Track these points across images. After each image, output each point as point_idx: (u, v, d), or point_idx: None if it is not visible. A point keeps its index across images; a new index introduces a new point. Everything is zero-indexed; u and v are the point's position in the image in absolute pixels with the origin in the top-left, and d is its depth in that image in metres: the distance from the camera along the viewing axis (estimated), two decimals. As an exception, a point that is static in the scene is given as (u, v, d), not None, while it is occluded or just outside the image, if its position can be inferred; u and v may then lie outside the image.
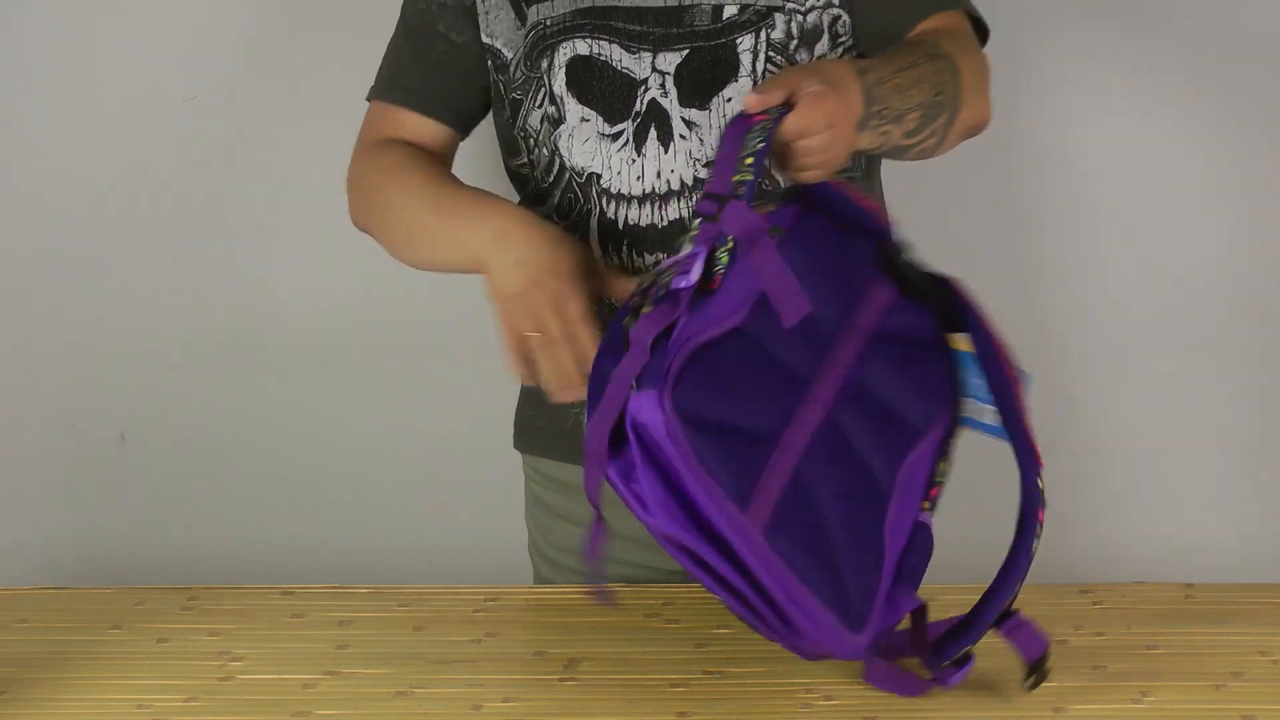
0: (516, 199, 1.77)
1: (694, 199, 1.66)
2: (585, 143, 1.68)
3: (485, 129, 1.79)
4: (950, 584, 1.88)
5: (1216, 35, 2.12)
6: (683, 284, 1.33)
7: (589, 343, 1.50)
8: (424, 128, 1.74)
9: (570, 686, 1.50)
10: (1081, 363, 2.21)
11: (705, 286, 1.35)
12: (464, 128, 1.77)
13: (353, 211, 1.76)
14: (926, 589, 1.73)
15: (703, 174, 1.66)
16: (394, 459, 2.23)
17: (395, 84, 1.75)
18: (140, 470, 2.24)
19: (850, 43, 1.69)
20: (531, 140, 1.72)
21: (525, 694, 1.49)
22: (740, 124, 1.41)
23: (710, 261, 1.35)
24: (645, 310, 1.33)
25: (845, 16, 1.68)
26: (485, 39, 1.70)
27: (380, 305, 2.20)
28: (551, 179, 1.72)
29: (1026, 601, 1.66)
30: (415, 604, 1.65)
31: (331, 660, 1.56)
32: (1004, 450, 2.23)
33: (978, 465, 2.03)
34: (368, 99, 1.78)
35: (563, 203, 1.71)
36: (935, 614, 1.63)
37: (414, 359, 2.21)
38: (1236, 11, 2.11)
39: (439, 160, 1.72)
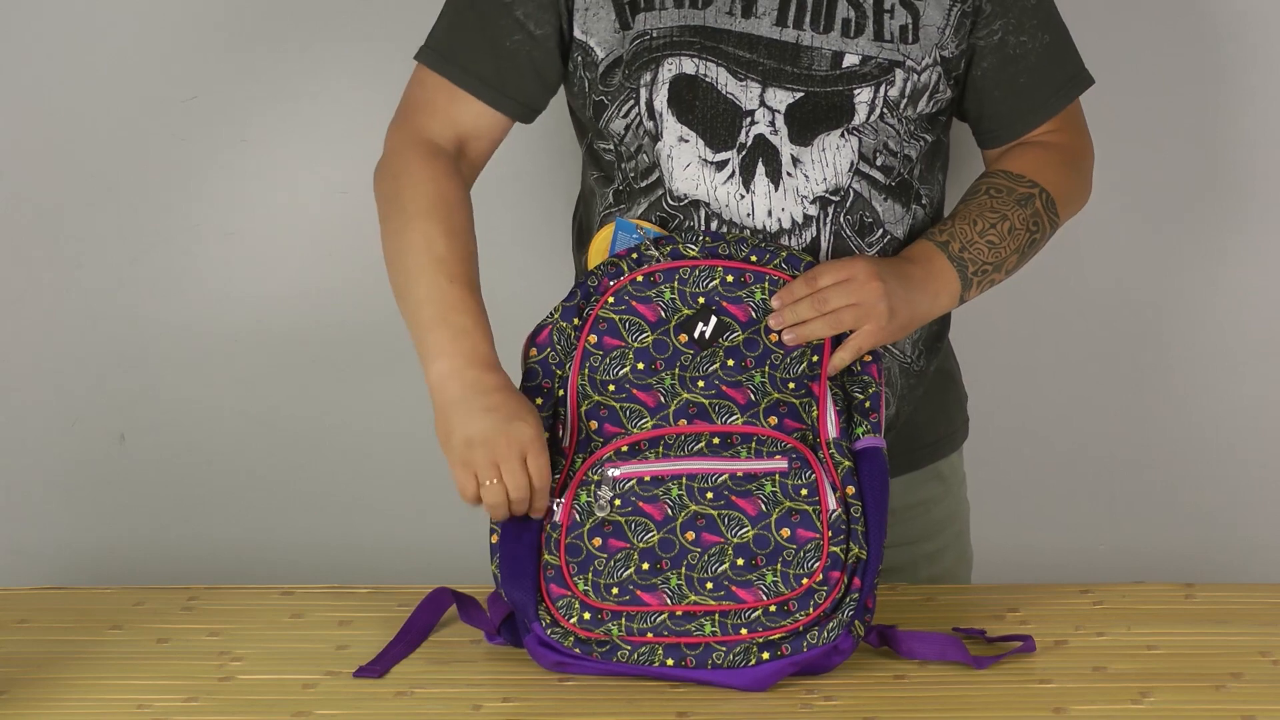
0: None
1: (801, 236, 1.67)
2: (687, 168, 1.67)
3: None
4: (947, 585, 1.88)
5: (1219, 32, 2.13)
6: None
7: (541, 501, 1.55)
8: (484, 117, 1.70)
9: (570, 686, 1.50)
10: (1081, 360, 2.21)
11: None
12: (526, 118, 1.73)
13: (378, 185, 1.70)
14: (925, 589, 1.73)
15: (811, 210, 1.66)
16: (394, 459, 2.22)
17: (460, 64, 1.68)
18: (140, 470, 2.23)
19: (946, 97, 1.71)
20: (615, 140, 1.70)
21: (525, 694, 1.49)
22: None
23: None
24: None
25: (943, 73, 1.69)
26: (579, 35, 1.66)
27: (380, 305, 2.18)
28: (645, 186, 1.70)
29: (1028, 601, 1.66)
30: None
31: (331, 660, 1.56)
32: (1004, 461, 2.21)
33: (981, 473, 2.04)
34: (421, 60, 1.71)
35: (652, 216, 1.69)
36: (932, 613, 1.63)
37: (414, 358, 2.20)
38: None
39: (469, 222, 1.67)
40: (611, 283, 1.61)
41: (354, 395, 2.22)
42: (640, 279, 1.61)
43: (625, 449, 1.55)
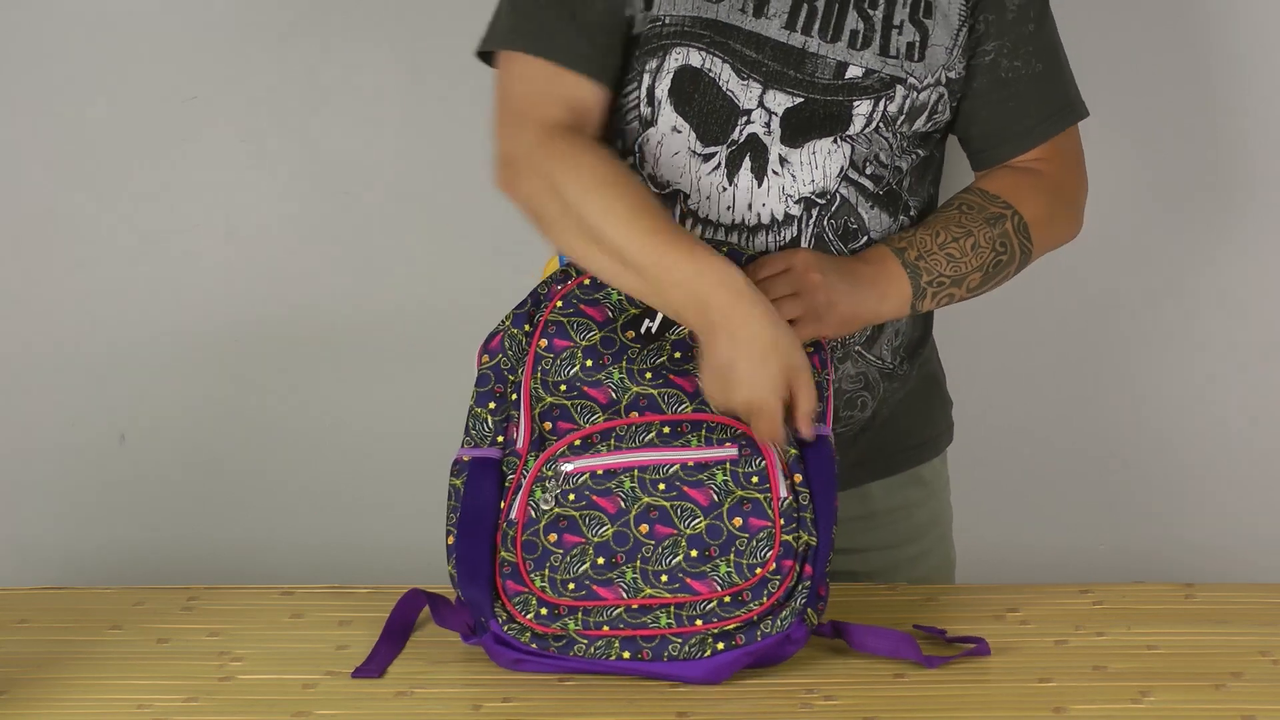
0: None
1: (781, 234, 1.67)
2: (675, 155, 1.67)
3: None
4: (947, 585, 1.88)
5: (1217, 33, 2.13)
6: None
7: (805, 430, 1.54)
8: (587, 92, 1.64)
9: (570, 686, 1.50)
10: (1080, 361, 2.21)
11: None
12: (615, 88, 1.68)
13: (519, 189, 1.62)
14: (926, 589, 1.73)
15: (794, 210, 1.66)
16: (394, 459, 2.23)
17: (556, 42, 1.63)
18: (140, 470, 2.23)
19: (944, 119, 1.71)
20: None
21: (525, 694, 1.49)
22: None
23: None
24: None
25: (946, 95, 1.69)
26: (628, 13, 1.65)
27: (381, 305, 2.20)
28: None
29: (1028, 601, 1.66)
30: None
31: (331, 660, 1.56)
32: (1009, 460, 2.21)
33: (980, 472, 2.04)
34: (514, 48, 1.64)
35: None
36: (933, 613, 1.63)
37: (414, 359, 2.21)
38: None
39: (629, 167, 1.64)
40: (559, 288, 1.61)
41: (354, 395, 2.22)
42: (588, 282, 1.61)
43: (578, 443, 1.55)
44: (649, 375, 1.58)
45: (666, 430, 1.55)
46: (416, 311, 2.19)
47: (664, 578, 1.50)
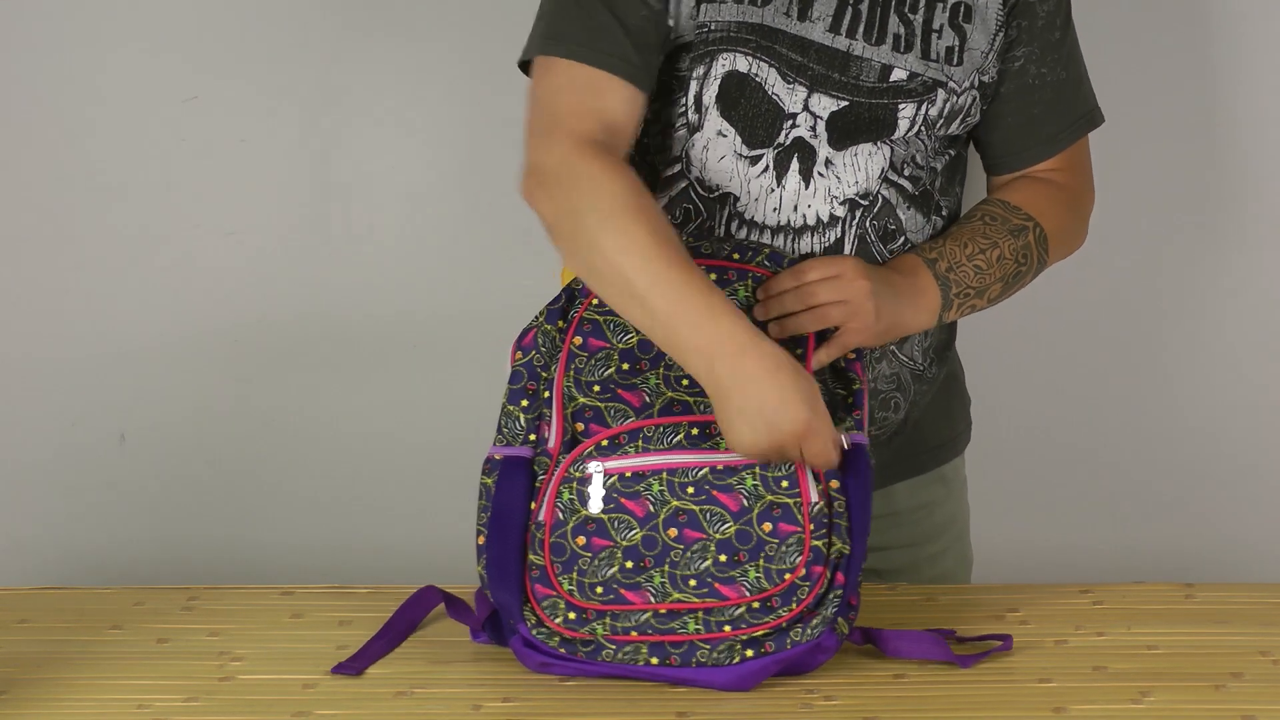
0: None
1: (826, 235, 1.67)
2: (721, 160, 1.67)
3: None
4: (947, 585, 1.88)
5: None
6: None
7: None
8: (627, 97, 1.60)
9: (571, 687, 1.50)
10: (1081, 361, 2.21)
11: None
12: (651, 98, 1.65)
13: (542, 202, 1.58)
14: (925, 589, 1.73)
15: (839, 211, 1.67)
16: (393, 459, 2.23)
17: (597, 47, 1.60)
18: (140, 470, 2.23)
19: (975, 121, 1.71)
20: (662, 124, 1.69)
21: (525, 694, 1.49)
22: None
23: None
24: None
25: (979, 98, 1.70)
26: (670, 20, 1.64)
27: (380, 305, 2.20)
28: (669, 176, 1.69)
29: (1028, 601, 1.66)
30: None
31: (331, 660, 1.56)
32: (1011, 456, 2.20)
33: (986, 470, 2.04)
34: (556, 54, 1.61)
35: (677, 209, 1.69)
36: (933, 613, 1.63)
37: (414, 359, 2.21)
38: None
39: (658, 205, 1.58)
40: None
41: (354, 395, 2.22)
42: None
43: (605, 443, 1.53)
44: (686, 382, 1.57)
45: (695, 432, 1.53)
46: (416, 311, 2.19)
47: (692, 582, 1.50)
